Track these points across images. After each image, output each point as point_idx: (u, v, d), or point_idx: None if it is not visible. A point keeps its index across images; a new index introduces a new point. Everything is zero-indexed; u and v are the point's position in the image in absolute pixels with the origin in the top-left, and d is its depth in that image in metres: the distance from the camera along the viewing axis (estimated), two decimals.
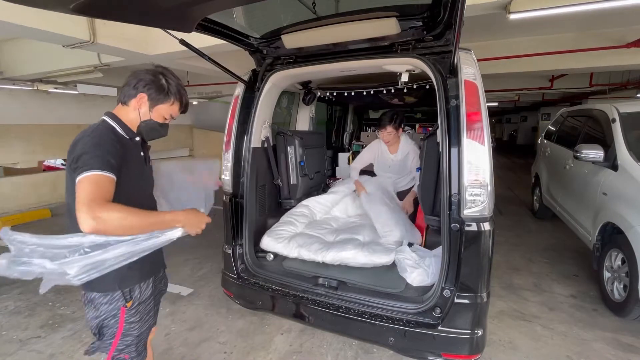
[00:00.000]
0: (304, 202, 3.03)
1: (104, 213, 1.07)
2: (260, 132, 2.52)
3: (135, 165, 1.36)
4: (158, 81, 1.36)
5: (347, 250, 2.22)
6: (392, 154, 3.31)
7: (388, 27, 1.87)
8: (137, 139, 1.40)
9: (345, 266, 2.22)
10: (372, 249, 2.23)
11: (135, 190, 1.34)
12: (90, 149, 1.17)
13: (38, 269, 1.06)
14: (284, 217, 2.79)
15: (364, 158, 3.45)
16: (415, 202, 3.00)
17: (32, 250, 1.08)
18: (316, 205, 3.07)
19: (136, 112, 1.37)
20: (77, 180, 1.12)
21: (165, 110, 1.41)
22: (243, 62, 2.77)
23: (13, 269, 1.06)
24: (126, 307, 1.33)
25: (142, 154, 1.43)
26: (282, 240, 2.44)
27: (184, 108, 1.48)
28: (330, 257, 2.22)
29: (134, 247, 1.16)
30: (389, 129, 3.12)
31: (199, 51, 1.94)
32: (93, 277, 1.10)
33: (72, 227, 1.18)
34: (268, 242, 2.45)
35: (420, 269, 2.00)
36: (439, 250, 1.92)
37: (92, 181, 1.11)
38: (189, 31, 1.70)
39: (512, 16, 2.90)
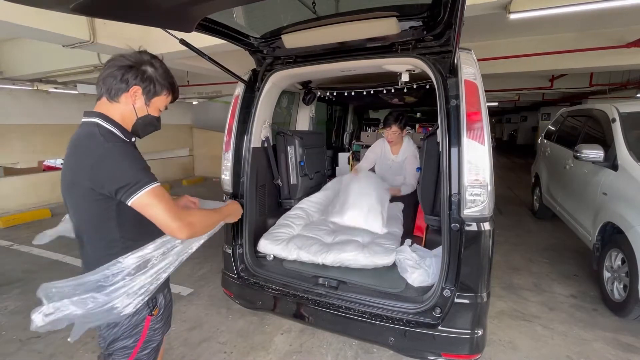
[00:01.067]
0: (299, 204, 3.02)
1: (191, 218, 1.17)
2: (260, 132, 2.51)
3: None
4: (148, 71, 1.22)
5: (347, 251, 2.21)
6: (393, 154, 3.35)
7: (388, 27, 1.87)
8: (134, 139, 1.27)
9: (345, 267, 2.22)
10: (373, 250, 2.22)
11: None
12: (127, 167, 1.08)
13: (72, 312, 1.04)
14: (281, 220, 2.77)
15: (369, 158, 3.50)
16: (415, 202, 3.00)
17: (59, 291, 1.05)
18: (311, 205, 3.05)
19: (130, 107, 1.21)
20: (131, 201, 1.07)
21: (161, 103, 1.29)
22: (243, 62, 2.77)
23: (45, 321, 1.03)
24: (152, 315, 1.28)
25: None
26: (280, 243, 2.42)
27: (176, 96, 1.35)
28: (331, 259, 2.21)
29: (179, 256, 1.26)
30: (394, 128, 3.17)
31: (199, 51, 1.94)
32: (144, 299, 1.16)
33: (93, 254, 1.18)
34: (265, 245, 2.43)
35: (421, 270, 1.99)
36: (439, 250, 1.92)
37: (157, 195, 1.10)
38: (189, 31, 1.70)
39: (512, 16, 2.90)
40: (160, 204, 1.09)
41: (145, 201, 1.08)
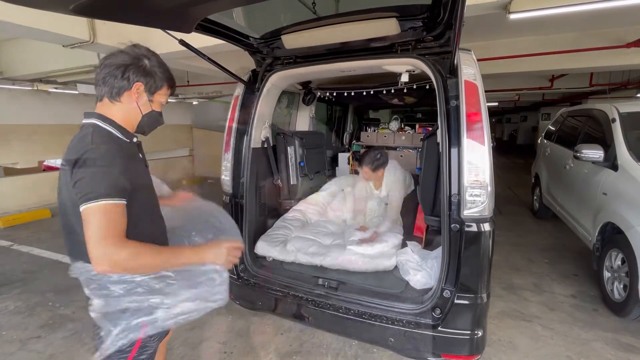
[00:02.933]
0: (296, 206, 3.01)
1: (121, 254, 0.99)
2: (260, 132, 2.51)
3: (139, 173, 1.20)
4: (147, 65, 1.18)
5: (346, 254, 2.21)
6: (376, 189, 3.14)
7: (388, 27, 1.87)
8: (135, 139, 1.24)
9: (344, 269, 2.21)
10: (372, 254, 2.21)
11: (144, 202, 1.21)
12: (94, 170, 1.01)
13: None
14: (278, 222, 2.76)
15: (357, 204, 3.17)
16: (415, 203, 2.99)
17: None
18: (309, 207, 3.04)
19: (134, 105, 1.18)
20: (81, 209, 0.99)
21: (163, 97, 1.27)
22: (243, 62, 2.77)
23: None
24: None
25: (140, 155, 1.28)
26: (277, 245, 2.41)
27: (174, 89, 1.33)
28: (329, 261, 2.21)
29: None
30: (365, 169, 2.95)
31: (199, 51, 1.94)
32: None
33: (75, 249, 1.12)
34: (263, 247, 2.42)
35: (424, 272, 1.99)
36: (439, 251, 1.93)
37: (102, 212, 0.98)
38: (188, 32, 1.70)
39: (512, 16, 2.89)
40: (96, 223, 0.98)
41: (89, 215, 0.98)
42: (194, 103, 10.60)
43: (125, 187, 1.06)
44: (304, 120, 3.65)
